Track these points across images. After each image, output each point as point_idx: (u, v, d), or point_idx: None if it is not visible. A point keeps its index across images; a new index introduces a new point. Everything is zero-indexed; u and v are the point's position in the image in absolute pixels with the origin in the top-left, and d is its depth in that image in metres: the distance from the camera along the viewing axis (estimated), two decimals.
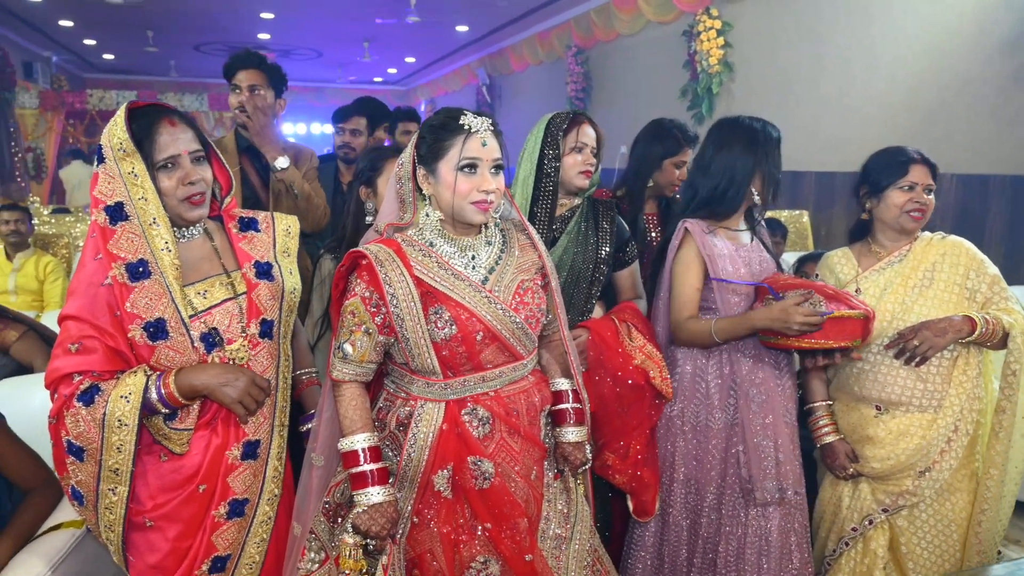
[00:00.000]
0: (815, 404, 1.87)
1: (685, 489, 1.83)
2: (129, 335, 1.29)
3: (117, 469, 1.30)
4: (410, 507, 1.38)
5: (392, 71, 13.54)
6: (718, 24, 5.61)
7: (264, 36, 9.77)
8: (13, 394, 1.95)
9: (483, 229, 1.43)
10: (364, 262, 1.33)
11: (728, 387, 1.79)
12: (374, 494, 1.30)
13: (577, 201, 1.92)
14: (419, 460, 1.36)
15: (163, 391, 1.28)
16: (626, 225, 1.96)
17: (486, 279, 1.39)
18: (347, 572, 1.32)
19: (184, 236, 1.40)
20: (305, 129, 14.34)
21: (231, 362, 1.37)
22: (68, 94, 9.38)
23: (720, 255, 1.77)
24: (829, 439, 1.83)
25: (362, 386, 1.39)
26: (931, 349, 1.68)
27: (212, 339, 1.35)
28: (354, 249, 1.37)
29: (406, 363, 1.39)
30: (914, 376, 1.75)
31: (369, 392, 1.45)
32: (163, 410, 1.30)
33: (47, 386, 1.32)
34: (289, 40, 10.11)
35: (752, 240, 1.86)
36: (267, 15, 8.50)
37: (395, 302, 1.31)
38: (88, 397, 1.27)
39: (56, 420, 1.30)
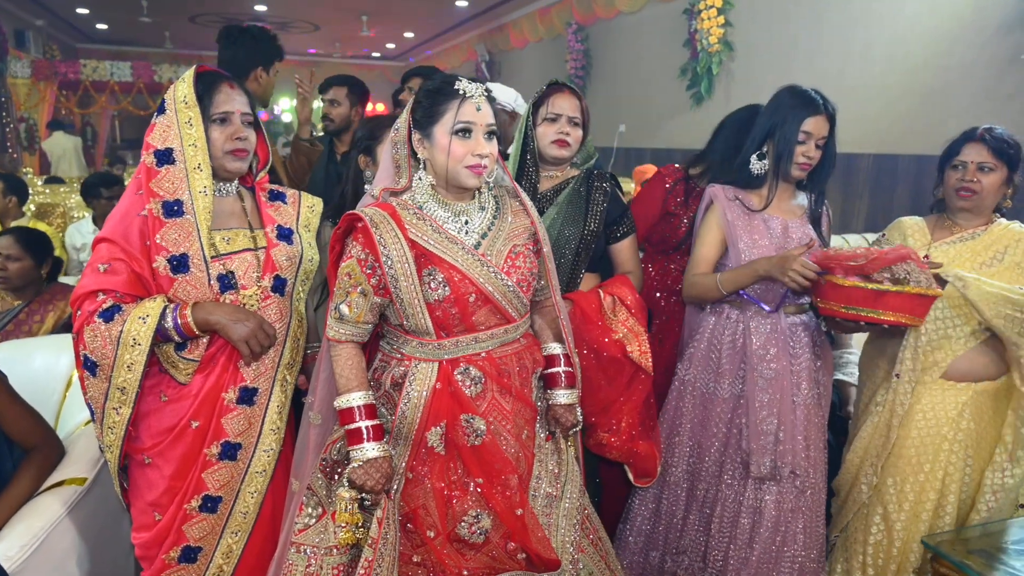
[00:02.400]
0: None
1: (689, 452, 1.87)
2: (154, 265, 1.40)
3: (124, 388, 1.39)
4: (404, 463, 1.42)
5: (390, 46, 13.39)
6: (718, 3, 5.58)
7: (261, 8, 9.64)
8: (15, 355, 1.98)
9: (477, 194, 1.45)
10: (360, 224, 1.36)
11: (739, 359, 1.80)
12: (369, 450, 1.34)
13: (573, 173, 1.92)
14: (413, 417, 1.40)
15: (179, 320, 1.38)
16: (623, 199, 1.95)
17: (479, 243, 1.41)
18: (343, 526, 1.36)
19: (220, 192, 1.53)
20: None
21: (242, 306, 1.46)
22: (61, 64, 9.24)
23: (741, 225, 1.77)
24: None
25: (358, 346, 1.42)
26: None
27: (228, 281, 1.45)
28: (350, 212, 1.40)
29: (400, 324, 1.42)
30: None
31: (365, 354, 1.48)
32: (175, 338, 1.40)
33: (72, 302, 1.42)
34: (286, 13, 9.98)
35: (801, 217, 1.83)
36: None
37: (390, 263, 1.34)
38: (108, 315, 1.37)
39: (77, 336, 1.40)
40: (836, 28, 4.62)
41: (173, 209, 1.40)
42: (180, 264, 1.40)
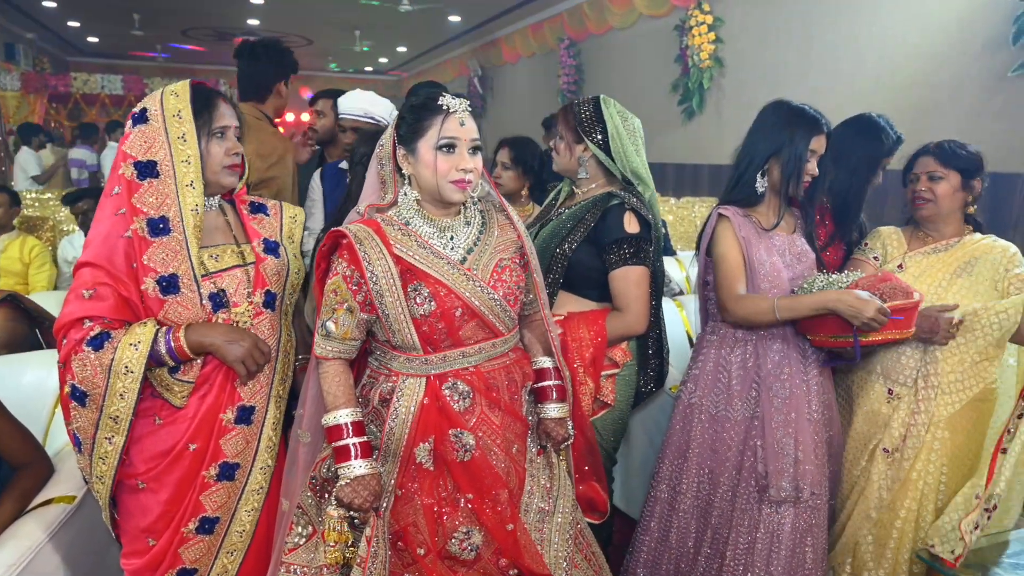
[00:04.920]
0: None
1: (698, 478, 1.81)
2: (142, 287, 1.35)
3: (117, 417, 1.35)
4: (393, 480, 1.41)
5: (383, 60, 13.46)
6: (709, 19, 5.65)
7: (253, 22, 9.68)
8: (4, 372, 1.96)
9: (462, 209, 1.46)
10: (344, 241, 1.36)
11: (751, 380, 1.75)
12: (357, 467, 1.33)
13: (600, 191, 1.86)
14: (401, 433, 1.39)
15: (172, 344, 1.34)
16: (627, 226, 1.74)
17: (465, 258, 1.41)
18: (332, 545, 1.34)
19: (204, 207, 1.49)
20: (294, 117, 14.23)
21: (235, 324, 1.44)
22: (51, 77, 9.23)
23: (754, 243, 1.74)
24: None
25: (345, 363, 1.42)
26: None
27: (219, 299, 1.42)
28: (334, 228, 1.39)
29: (387, 340, 1.41)
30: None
31: (353, 370, 1.47)
32: (169, 362, 1.36)
33: (56, 331, 1.36)
34: (279, 27, 10.02)
35: (795, 231, 1.83)
36: (257, 0, 8.42)
37: (375, 280, 1.34)
38: (98, 342, 1.32)
39: (64, 365, 1.34)
40: (825, 46, 4.69)
41: (159, 227, 1.35)
42: (170, 285, 1.36)
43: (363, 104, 2.38)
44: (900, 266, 1.89)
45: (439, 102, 1.35)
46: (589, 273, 1.79)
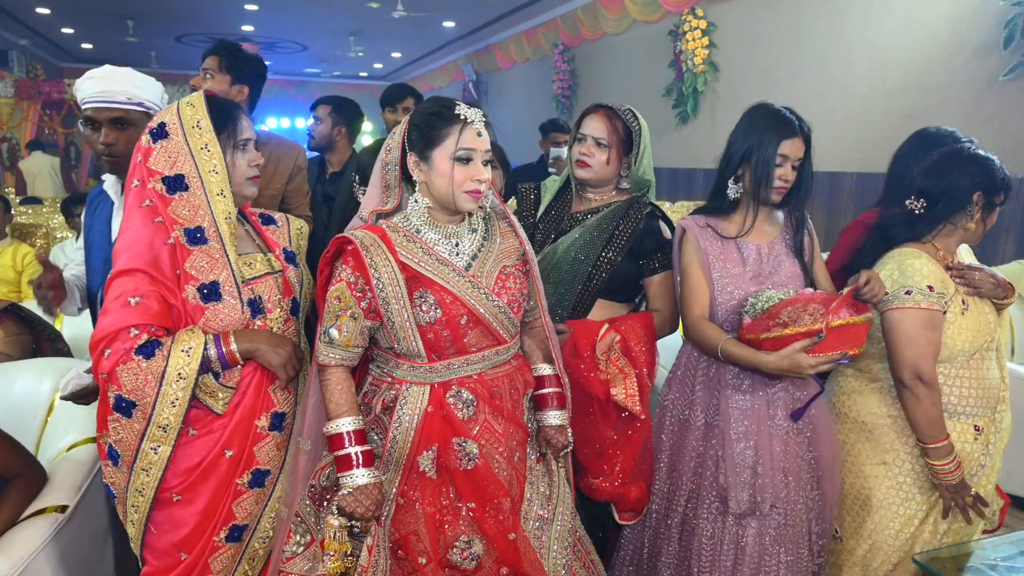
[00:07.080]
0: (939, 445, 1.64)
1: (669, 481, 1.81)
2: (183, 295, 1.36)
3: (167, 426, 1.34)
4: (395, 489, 1.40)
5: (378, 66, 13.48)
6: (703, 24, 5.69)
7: (248, 28, 9.69)
8: None
9: (467, 216, 1.46)
10: (350, 247, 1.35)
11: (713, 388, 1.74)
12: (359, 476, 1.32)
13: (618, 198, 1.86)
14: (404, 442, 1.38)
15: (223, 349, 1.35)
16: (663, 233, 1.83)
17: (469, 265, 1.41)
18: (332, 554, 1.33)
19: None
20: (289, 123, 14.25)
21: (271, 330, 1.45)
22: (45, 83, 9.21)
23: (713, 252, 1.71)
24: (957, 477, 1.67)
25: (347, 371, 1.41)
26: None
27: (257, 306, 1.44)
28: (339, 235, 1.39)
29: (391, 347, 1.41)
30: None
31: (354, 378, 1.46)
32: (217, 368, 1.37)
33: (97, 342, 1.32)
34: (273, 32, 10.04)
35: (774, 240, 1.75)
36: (251, 6, 8.43)
37: (381, 286, 1.33)
38: (148, 351, 1.30)
39: (108, 376, 1.31)
40: (817, 50, 4.72)
41: (196, 236, 1.36)
42: (211, 292, 1.36)
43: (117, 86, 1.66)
44: (964, 302, 1.68)
45: (456, 112, 1.34)
46: (623, 279, 1.84)
